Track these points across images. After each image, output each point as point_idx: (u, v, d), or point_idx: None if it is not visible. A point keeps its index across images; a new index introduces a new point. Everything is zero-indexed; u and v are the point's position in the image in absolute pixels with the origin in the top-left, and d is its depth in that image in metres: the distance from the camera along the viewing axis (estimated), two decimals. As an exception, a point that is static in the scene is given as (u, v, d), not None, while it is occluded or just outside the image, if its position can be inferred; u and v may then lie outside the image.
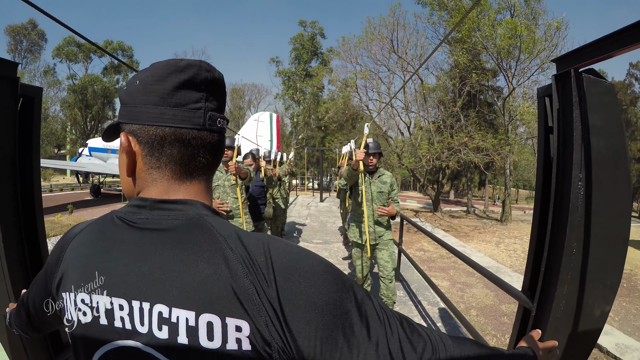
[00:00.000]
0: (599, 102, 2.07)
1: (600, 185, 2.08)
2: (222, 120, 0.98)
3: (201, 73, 0.92)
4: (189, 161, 0.94)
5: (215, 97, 0.96)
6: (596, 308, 2.30)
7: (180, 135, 0.91)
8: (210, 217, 0.90)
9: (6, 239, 2.11)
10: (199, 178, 0.98)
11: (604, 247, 2.19)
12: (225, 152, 5.46)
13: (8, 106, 2.11)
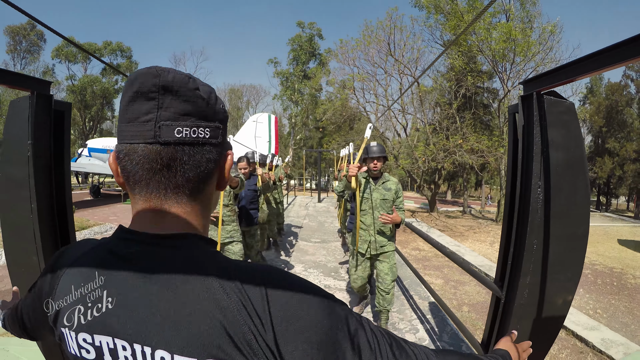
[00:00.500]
0: (558, 120, 2.44)
1: (559, 191, 2.46)
2: (187, 128, 0.85)
3: (148, 80, 0.83)
4: (155, 178, 0.87)
5: (172, 103, 0.84)
6: (558, 297, 2.68)
7: (133, 152, 0.85)
8: (205, 256, 0.86)
9: (43, 231, 2.52)
10: (182, 199, 0.90)
11: (564, 245, 2.57)
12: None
13: (44, 120, 2.50)
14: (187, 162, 0.86)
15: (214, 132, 0.91)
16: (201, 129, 0.87)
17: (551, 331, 2.82)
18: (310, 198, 29.45)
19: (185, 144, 0.85)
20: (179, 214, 0.90)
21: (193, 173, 0.88)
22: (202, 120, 0.88)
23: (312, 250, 11.05)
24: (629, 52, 1.73)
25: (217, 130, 0.92)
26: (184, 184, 0.88)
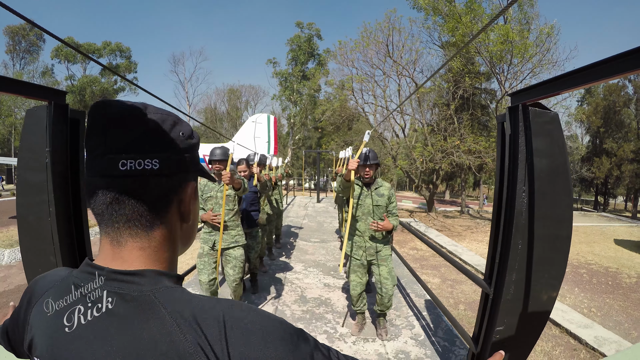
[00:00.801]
0: (542, 130, 2.64)
1: (543, 195, 2.66)
2: (131, 160, 0.82)
3: (97, 113, 0.83)
4: (107, 213, 0.85)
5: (118, 135, 0.83)
6: (543, 293, 2.89)
7: (91, 185, 0.85)
8: (162, 293, 0.82)
9: (61, 233, 2.69)
10: (137, 235, 0.87)
11: (547, 245, 2.77)
12: (216, 166, 5.44)
13: (61, 129, 2.67)
14: (134, 195, 0.84)
15: (164, 163, 0.86)
16: (147, 161, 0.83)
17: (537, 325, 3.02)
18: (309, 198, 29.53)
19: (131, 177, 0.83)
20: (135, 248, 0.87)
21: (143, 207, 0.86)
22: (149, 152, 0.84)
23: (312, 249, 11.22)
24: (608, 70, 1.91)
25: (167, 161, 0.86)
26: (137, 218, 0.86)
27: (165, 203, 0.89)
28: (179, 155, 0.90)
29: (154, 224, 0.88)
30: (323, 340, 5.37)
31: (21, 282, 10.24)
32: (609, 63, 1.90)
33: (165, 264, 0.92)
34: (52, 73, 54.89)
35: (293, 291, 7.44)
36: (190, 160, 0.94)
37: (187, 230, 1.01)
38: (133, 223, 0.86)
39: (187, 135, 0.93)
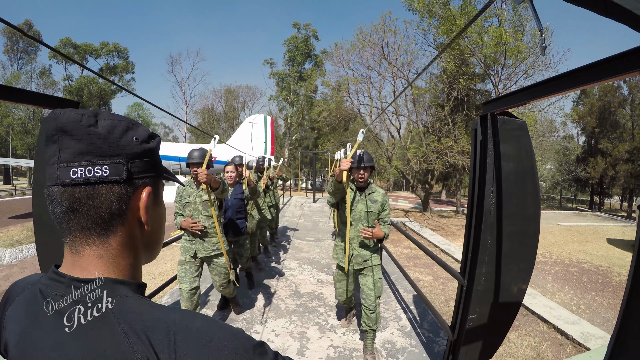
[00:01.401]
0: (510, 136, 2.93)
1: (510, 196, 2.95)
2: (81, 168, 0.82)
3: (50, 123, 0.83)
4: (64, 221, 0.85)
5: (69, 144, 0.82)
6: (513, 285, 3.18)
7: (49, 194, 0.85)
8: (115, 302, 0.81)
9: None
10: (93, 242, 0.87)
11: (515, 241, 3.07)
12: (194, 169, 5.13)
13: None
14: (86, 203, 0.84)
15: (114, 169, 0.85)
16: (97, 167, 0.83)
17: (508, 314, 3.32)
18: (305, 198, 29.87)
19: (82, 184, 0.83)
20: (93, 256, 0.87)
21: (96, 214, 0.85)
22: (99, 159, 0.84)
23: (307, 248, 11.56)
24: (567, 84, 2.19)
25: (118, 166, 0.86)
26: (91, 226, 0.86)
27: (119, 210, 0.88)
28: (131, 160, 0.89)
29: (109, 231, 0.88)
30: (315, 331, 5.72)
31: None
32: (567, 77, 2.17)
33: (124, 271, 0.92)
34: (50, 73, 54.64)
35: (288, 286, 7.73)
36: (147, 164, 0.94)
37: (149, 236, 1.00)
38: (88, 231, 0.86)
39: (141, 140, 0.92)
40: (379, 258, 5.18)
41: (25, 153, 49.29)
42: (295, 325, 5.92)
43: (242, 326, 5.83)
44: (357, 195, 5.04)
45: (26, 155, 48.78)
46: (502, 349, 6.66)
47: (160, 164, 1.02)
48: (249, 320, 6.08)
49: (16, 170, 52.22)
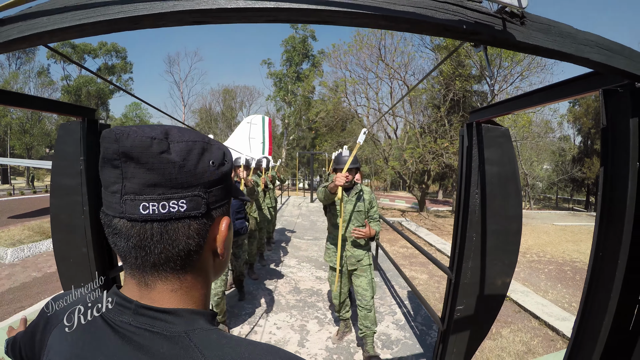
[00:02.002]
0: (494, 142, 3.22)
1: (493, 197, 3.24)
2: (154, 203, 0.72)
3: (110, 145, 0.72)
4: (132, 255, 0.77)
5: (136, 172, 0.72)
6: (497, 279, 3.46)
7: (110, 224, 0.76)
8: (198, 336, 0.75)
9: (93, 228, 3.14)
10: (166, 277, 0.79)
11: (499, 238, 3.36)
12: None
13: (92, 140, 3.16)
14: (160, 240, 0.75)
15: (192, 204, 0.76)
16: (173, 202, 0.74)
17: (493, 306, 3.61)
18: (303, 198, 30.00)
19: (155, 221, 0.74)
20: (166, 290, 0.80)
21: (171, 252, 0.76)
22: (174, 191, 0.74)
23: (305, 246, 11.86)
24: (543, 98, 2.45)
25: (196, 199, 0.77)
26: (164, 263, 0.77)
27: (196, 245, 0.79)
28: (209, 190, 0.80)
29: (185, 267, 0.80)
30: (314, 324, 6.01)
31: (26, 280, 10.52)
32: (542, 92, 2.44)
33: (198, 302, 0.85)
34: (48, 73, 54.68)
35: (288, 283, 8.02)
36: (223, 191, 0.85)
37: (220, 264, 0.92)
38: (161, 267, 0.78)
39: (218, 163, 0.82)
40: (370, 257, 5.17)
41: (23, 153, 49.23)
42: (296, 319, 6.19)
43: (246, 320, 6.11)
44: (344, 196, 4.98)
45: (24, 155, 48.71)
46: (494, 344, 6.89)
47: (233, 185, 0.92)
48: (251, 314, 6.32)
49: (13, 170, 52.09)
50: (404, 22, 1.20)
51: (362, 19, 1.20)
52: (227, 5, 1.16)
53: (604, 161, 1.87)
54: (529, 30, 1.31)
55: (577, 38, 1.40)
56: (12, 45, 1.37)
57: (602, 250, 1.92)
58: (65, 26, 1.27)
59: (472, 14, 1.24)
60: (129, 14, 1.22)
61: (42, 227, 16.05)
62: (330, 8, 1.15)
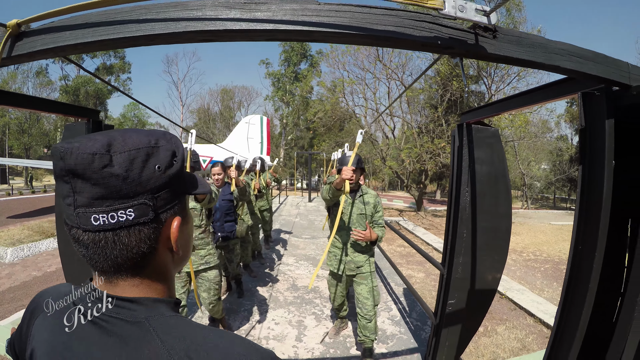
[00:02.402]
0: (483, 143, 3.35)
1: (483, 195, 3.37)
2: (103, 215, 0.77)
3: (57, 163, 0.76)
4: (93, 260, 0.83)
5: (84, 187, 0.76)
6: (488, 274, 3.59)
7: (70, 232, 0.83)
8: (157, 321, 0.82)
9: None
10: (126, 276, 0.87)
11: (489, 235, 3.49)
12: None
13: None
14: (114, 247, 0.81)
15: (139, 212, 0.81)
16: (121, 212, 0.78)
17: (484, 300, 3.74)
18: (301, 198, 30.10)
19: (106, 230, 0.79)
20: (127, 286, 0.87)
21: (126, 256, 0.83)
22: (121, 202, 0.79)
23: (303, 245, 11.98)
24: (529, 100, 2.59)
25: (143, 207, 0.81)
26: (121, 264, 0.83)
27: (149, 248, 0.85)
28: (156, 195, 0.84)
29: (143, 267, 0.87)
30: (311, 320, 6.13)
31: (26, 279, 10.55)
32: (528, 95, 2.58)
33: (160, 292, 0.91)
34: (47, 73, 54.50)
35: (286, 280, 8.15)
36: (173, 192, 0.89)
37: (179, 258, 0.98)
38: (119, 268, 0.84)
39: (165, 167, 0.86)
40: (372, 264, 4.94)
41: (21, 153, 49.03)
42: (294, 315, 6.32)
43: (245, 316, 6.22)
44: (348, 198, 4.87)
45: (22, 155, 48.49)
46: (489, 340, 6.99)
47: (186, 180, 0.96)
48: (250, 311, 6.44)
49: (12, 170, 52.00)
50: (385, 40, 1.39)
51: (348, 37, 1.41)
52: (232, 27, 1.35)
53: (582, 160, 2.00)
54: (500, 42, 1.45)
55: (548, 47, 1.53)
56: (36, 56, 1.52)
57: (582, 243, 2.04)
58: (87, 41, 1.42)
59: (446, 30, 1.39)
60: (147, 32, 1.39)
61: (41, 227, 16.08)
62: (321, 29, 1.35)
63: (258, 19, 1.36)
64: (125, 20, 1.40)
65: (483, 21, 1.33)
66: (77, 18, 1.44)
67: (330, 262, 5.07)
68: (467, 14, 1.33)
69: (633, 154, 1.86)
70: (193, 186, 0.98)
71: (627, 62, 1.79)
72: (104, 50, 1.55)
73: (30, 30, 1.49)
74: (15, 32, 1.49)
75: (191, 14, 1.38)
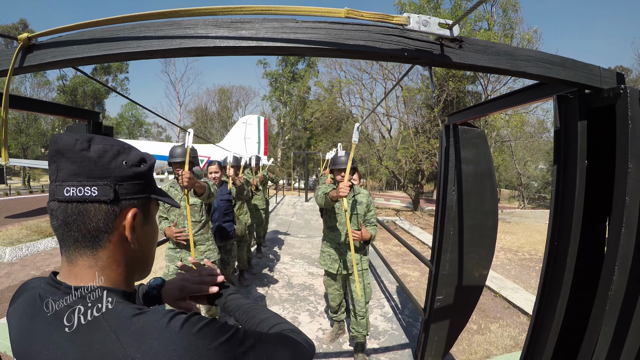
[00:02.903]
0: (470, 143, 3.46)
1: (469, 193, 3.47)
2: (73, 187, 0.93)
3: (51, 146, 0.95)
4: (59, 233, 0.96)
5: (65, 165, 0.93)
6: (475, 271, 3.69)
7: (49, 208, 0.97)
8: (112, 318, 0.88)
9: None
10: (85, 253, 0.97)
11: (475, 232, 3.59)
12: (177, 169, 4.77)
13: None
14: (77, 219, 0.94)
15: (102, 191, 0.95)
16: (87, 188, 0.93)
17: (471, 296, 3.84)
18: (298, 197, 30.18)
19: (73, 202, 0.93)
20: (85, 266, 0.97)
21: (85, 228, 0.95)
22: (90, 180, 0.94)
23: (299, 244, 12.12)
24: (510, 102, 2.68)
25: (105, 188, 0.95)
26: (81, 239, 0.95)
27: (105, 227, 0.97)
28: (119, 182, 0.98)
29: (97, 245, 0.97)
30: (306, 316, 6.24)
31: (24, 278, 10.48)
32: (510, 97, 2.67)
33: (114, 282, 1.01)
34: (44, 73, 54.44)
35: (281, 278, 8.26)
36: (136, 186, 1.03)
37: (137, 254, 1.08)
38: (80, 243, 0.96)
39: (131, 164, 1.01)
40: (366, 262, 5.04)
41: (19, 153, 48.97)
42: (288, 312, 6.41)
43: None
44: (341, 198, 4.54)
45: (20, 155, 48.42)
46: (482, 338, 7.05)
47: (153, 185, 1.11)
48: (246, 308, 6.45)
49: (9, 170, 51.97)
50: (356, 52, 1.56)
51: (323, 52, 1.57)
52: (220, 44, 1.55)
53: (556, 160, 2.09)
54: (465, 52, 1.56)
55: (515, 55, 1.64)
56: (45, 67, 1.70)
57: (557, 239, 2.13)
58: (92, 55, 1.60)
59: (413, 42, 1.52)
60: (145, 48, 1.57)
61: (39, 227, 16.11)
62: (299, 45, 1.54)
63: (243, 37, 1.53)
64: (127, 37, 1.57)
65: (446, 34, 1.46)
66: (84, 34, 1.61)
67: (324, 262, 5.14)
68: (431, 28, 1.48)
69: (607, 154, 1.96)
70: (161, 194, 1.14)
71: (599, 66, 1.89)
72: (108, 63, 1.70)
73: (40, 43, 1.66)
74: (26, 45, 1.64)
75: (185, 32, 1.54)
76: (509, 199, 63.99)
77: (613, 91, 1.82)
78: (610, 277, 1.82)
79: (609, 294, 1.84)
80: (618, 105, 1.80)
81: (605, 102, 1.87)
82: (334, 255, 5.00)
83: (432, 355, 3.95)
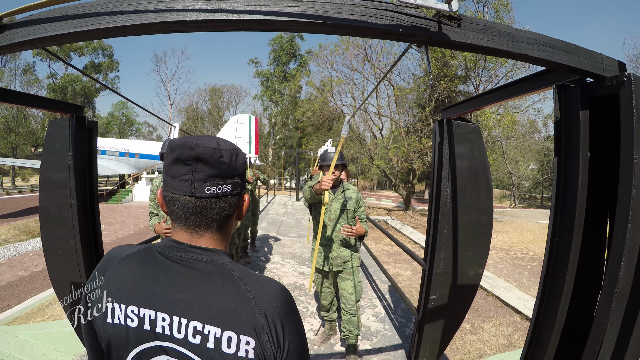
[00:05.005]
0: (464, 138, 3.37)
1: (464, 190, 3.39)
2: (214, 186, 1.14)
3: (185, 152, 1.11)
4: (191, 218, 1.16)
5: (203, 169, 1.12)
6: (470, 269, 3.61)
7: (176, 199, 1.15)
8: (230, 264, 1.14)
9: (81, 221, 3.30)
10: (211, 231, 1.19)
11: (470, 229, 3.50)
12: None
13: (80, 136, 3.29)
14: (214, 209, 1.16)
15: (234, 186, 1.19)
16: (225, 185, 1.16)
17: (466, 296, 3.75)
18: (289, 197, 30.23)
19: (213, 197, 1.15)
20: (210, 239, 1.19)
21: (219, 216, 1.18)
22: (225, 179, 1.16)
23: (290, 243, 12.05)
24: (505, 94, 2.60)
25: (236, 184, 1.20)
26: (212, 222, 1.18)
27: (232, 211, 1.22)
28: (240, 177, 1.23)
29: (222, 225, 1.21)
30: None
31: (12, 279, 10.44)
32: (504, 89, 2.59)
33: (225, 247, 1.26)
34: (34, 71, 54.11)
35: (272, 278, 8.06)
36: (244, 178, 1.28)
37: (236, 224, 1.35)
38: (211, 225, 1.18)
39: (243, 162, 1.24)
40: (358, 259, 4.99)
41: (8, 152, 48.56)
42: (279, 312, 6.26)
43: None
44: (329, 194, 4.84)
45: (9, 154, 48.04)
46: (476, 337, 6.99)
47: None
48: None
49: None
50: (346, 28, 1.45)
51: (309, 26, 1.48)
52: (198, 17, 1.46)
53: (557, 152, 2.01)
54: (465, 31, 1.47)
55: (516, 37, 1.55)
56: (16, 47, 1.63)
57: (558, 235, 2.05)
58: (63, 32, 1.52)
59: (408, 18, 1.42)
60: (118, 23, 1.49)
61: (28, 227, 15.99)
62: (282, 18, 1.45)
63: (223, 10, 1.46)
64: (99, 12, 1.50)
65: (444, 8, 1.36)
66: (55, 11, 1.53)
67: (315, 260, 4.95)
68: (428, 2, 1.38)
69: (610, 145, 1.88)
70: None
71: (601, 54, 1.81)
72: (79, 42, 1.61)
73: (11, 23, 1.59)
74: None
75: (160, 6, 1.47)
76: (500, 199, 64.17)
77: (617, 79, 1.73)
78: (617, 273, 1.74)
79: (615, 292, 1.76)
80: (622, 93, 1.71)
81: (609, 90, 1.79)
82: (325, 252, 4.93)
83: (426, 357, 3.86)
